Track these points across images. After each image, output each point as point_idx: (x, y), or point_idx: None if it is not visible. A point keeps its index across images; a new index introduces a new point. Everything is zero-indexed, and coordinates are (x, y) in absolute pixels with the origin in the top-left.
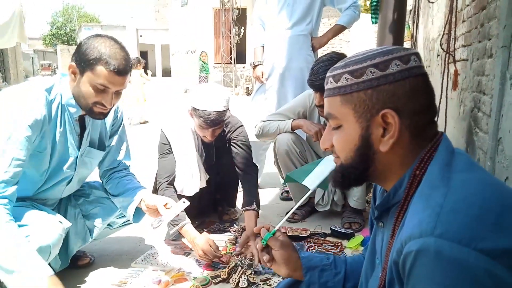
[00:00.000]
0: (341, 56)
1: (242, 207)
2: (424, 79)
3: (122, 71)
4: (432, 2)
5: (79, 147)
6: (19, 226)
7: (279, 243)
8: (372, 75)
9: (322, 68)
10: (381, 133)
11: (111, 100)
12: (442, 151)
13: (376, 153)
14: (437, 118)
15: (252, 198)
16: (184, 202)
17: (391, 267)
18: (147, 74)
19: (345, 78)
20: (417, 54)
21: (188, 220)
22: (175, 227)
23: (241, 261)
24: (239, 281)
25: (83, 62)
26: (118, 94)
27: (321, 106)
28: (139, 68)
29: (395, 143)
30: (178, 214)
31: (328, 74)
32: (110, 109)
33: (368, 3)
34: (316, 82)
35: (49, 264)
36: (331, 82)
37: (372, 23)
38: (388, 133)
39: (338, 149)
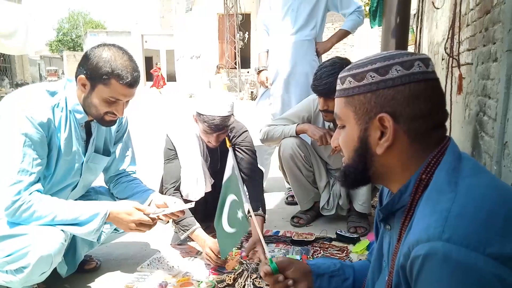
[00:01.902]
0: (344, 61)
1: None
2: (430, 85)
3: (134, 84)
4: (438, 8)
5: (84, 153)
6: (19, 235)
7: (287, 260)
8: (372, 79)
9: (325, 73)
10: (379, 136)
11: (123, 109)
12: (449, 156)
13: (374, 155)
14: None
15: (258, 203)
16: (191, 203)
17: (397, 271)
18: None
19: (349, 81)
20: (423, 60)
21: (198, 225)
22: (185, 232)
23: (246, 265)
24: (245, 285)
25: (95, 76)
26: (128, 102)
27: (325, 111)
28: (220, 72)
29: (392, 147)
30: (186, 219)
31: (338, 76)
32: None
33: (367, 8)
34: (320, 87)
35: (56, 268)
36: (339, 84)
37: (371, 27)
38: (385, 136)
39: (342, 148)
